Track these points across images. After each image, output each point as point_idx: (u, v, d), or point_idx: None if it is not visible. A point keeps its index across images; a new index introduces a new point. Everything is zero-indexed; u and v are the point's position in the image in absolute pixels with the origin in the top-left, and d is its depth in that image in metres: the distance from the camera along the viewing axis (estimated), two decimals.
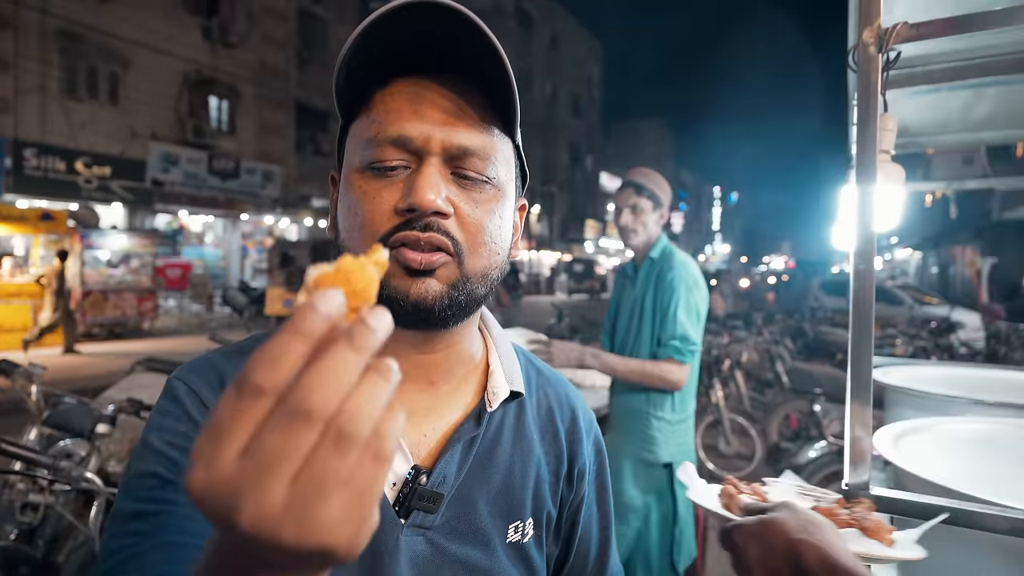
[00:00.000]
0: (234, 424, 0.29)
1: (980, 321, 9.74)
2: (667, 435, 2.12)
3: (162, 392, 0.61)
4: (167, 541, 0.52)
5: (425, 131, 0.56)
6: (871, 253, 0.79)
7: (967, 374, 1.96)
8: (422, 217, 0.56)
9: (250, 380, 0.29)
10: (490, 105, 0.59)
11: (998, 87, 1.49)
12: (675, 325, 2.05)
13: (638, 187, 2.20)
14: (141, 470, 0.56)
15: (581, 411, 0.76)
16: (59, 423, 1.83)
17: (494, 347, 0.71)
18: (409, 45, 0.56)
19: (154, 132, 15.49)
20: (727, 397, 5.65)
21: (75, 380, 7.02)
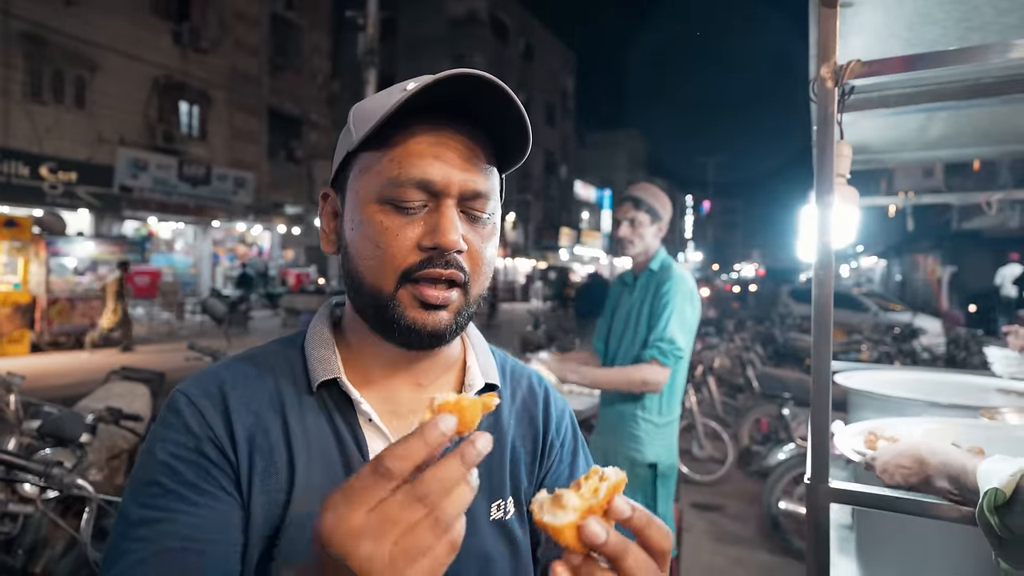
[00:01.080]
0: (365, 493, 0.42)
1: (941, 327, 10.09)
2: (653, 436, 2.22)
3: (166, 404, 0.66)
4: (169, 547, 0.56)
5: (446, 175, 0.63)
6: (829, 264, 0.87)
7: (925, 378, 2.08)
8: (444, 255, 0.63)
9: (385, 465, 0.42)
10: (491, 148, 0.67)
11: (948, 111, 1.61)
12: (664, 329, 2.13)
13: (636, 201, 2.30)
14: (146, 479, 0.61)
15: (553, 397, 0.83)
16: (52, 431, 1.82)
17: (471, 346, 0.78)
18: (441, 98, 0.62)
19: (122, 137, 15.18)
20: (700, 402, 5.78)
21: (45, 389, 6.83)
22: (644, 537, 0.48)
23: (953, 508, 0.87)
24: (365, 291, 0.66)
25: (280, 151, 20.28)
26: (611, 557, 0.45)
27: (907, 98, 1.40)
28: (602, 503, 0.46)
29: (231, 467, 0.62)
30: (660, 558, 0.48)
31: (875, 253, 28.87)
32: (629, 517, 0.47)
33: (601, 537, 0.45)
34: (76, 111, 14.35)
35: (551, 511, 0.46)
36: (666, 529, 0.48)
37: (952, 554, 1.01)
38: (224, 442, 0.62)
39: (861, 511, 1.22)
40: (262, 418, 0.65)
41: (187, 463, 0.61)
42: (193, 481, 0.60)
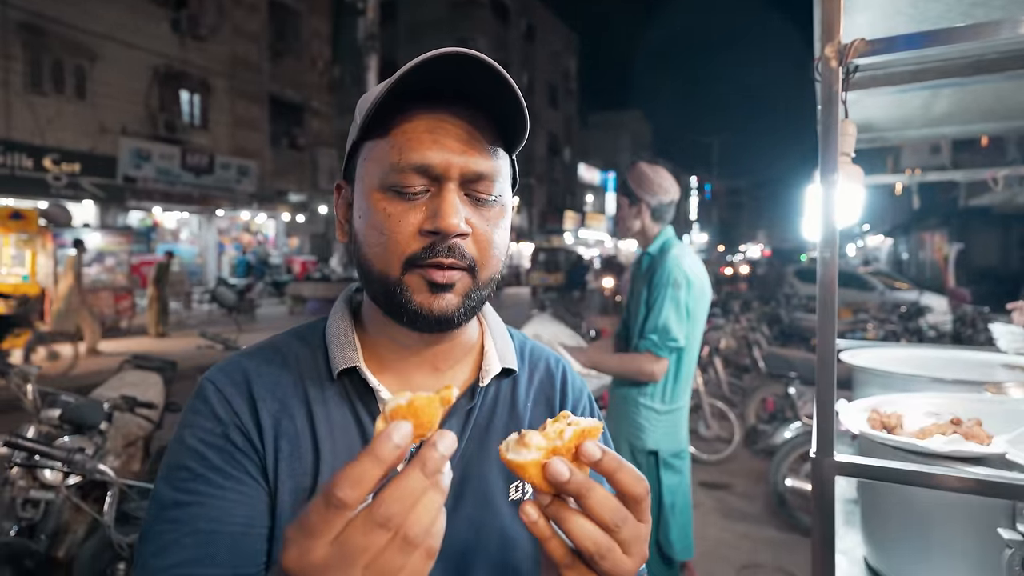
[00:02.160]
0: (322, 527, 0.40)
1: (947, 305, 10.06)
2: (654, 424, 2.18)
3: (194, 391, 0.68)
4: (200, 529, 0.59)
5: (445, 159, 0.63)
6: (834, 244, 0.89)
7: (930, 355, 2.09)
8: (446, 239, 0.63)
9: (336, 495, 0.39)
10: (495, 130, 0.67)
11: (953, 88, 1.61)
12: (656, 319, 2.10)
13: (621, 185, 2.30)
14: (177, 463, 0.63)
15: (570, 380, 0.84)
16: (73, 418, 1.86)
17: (488, 330, 0.79)
18: (437, 83, 0.63)
19: (124, 127, 15.15)
20: (707, 383, 5.81)
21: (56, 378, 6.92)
22: (615, 481, 0.48)
23: (956, 478, 0.89)
24: (374, 278, 0.67)
25: (282, 138, 20.21)
26: (575, 496, 0.46)
27: (912, 75, 1.40)
28: (568, 445, 0.47)
29: (256, 453, 0.64)
30: (633, 503, 0.48)
31: (881, 232, 28.69)
32: (598, 460, 0.47)
33: (564, 475, 0.46)
34: (77, 102, 14.32)
35: (515, 449, 0.47)
36: (638, 475, 0.48)
37: (955, 524, 1.03)
38: (250, 428, 0.64)
39: (866, 486, 1.24)
40: (287, 405, 0.67)
41: (215, 449, 0.63)
42: (220, 466, 0.62)
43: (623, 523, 0.47)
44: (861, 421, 1.17)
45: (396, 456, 0.40)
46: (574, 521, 0.47)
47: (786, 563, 3.48)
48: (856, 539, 1.33)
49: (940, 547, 1.04)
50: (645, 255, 2.28)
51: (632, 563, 0.48)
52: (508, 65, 32.93)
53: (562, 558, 0.48)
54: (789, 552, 3.61)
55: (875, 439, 1.07)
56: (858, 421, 1.17)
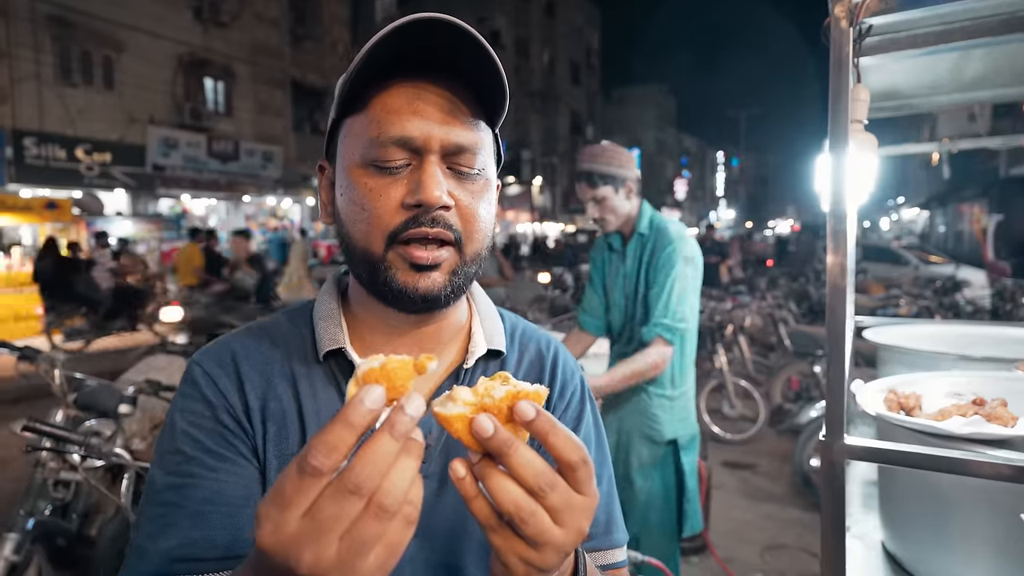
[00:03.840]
0: (296, 496, 0.38)
1: (986, 279, 9.72)
2: (669, 411, 2.08)
3: (183, 375, 0.68)
4: (196, 510, 0.60)
5: (425, 131, 0.61)
6: (844, 216, 0.84)
7: (961, 331, 2.01)
8: (428, 212, 0.61)
9: (310, 463, 0.38)
10: (476, 101, 0.65)
11: (984, 48, 1.51)
12: (668, 303, 1.97)
13: (589, 178, 2.09)
14: (169, 447, 0.64)
15: (561, 362, 0.81)
16: (88, 403, 1.92)
17: (476, 311, 0.77)
18: (412, 52, 0.61)
19: (152, 116, 15.42)
20: (731, 362, 5.73)
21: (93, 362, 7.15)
22: (548, 445, 0.45)
23: (974, 463, 0.84)
24: (357, 256, 0.66)
25: (305, 123, 20.34)
26: (497, 454, 0.44)
27: (937, 37, 1.31)
28: (499, 404, 0.45)
29: (246, 434, 0.65)
30: (568, 470, 0.46)
31: (917, 204, 27.76)
32: (531, 420, 0.45)
33: (488, 430, 0.44)
34: (106, 92, 14.59)
35: (443, 404, 0.46)
36: (575, 442, 0.46)
37: (976, 510, 0.98)
38: (238, 410, 0.65)
39: (884, 469, 1.20)
40: (274, 386, 0.67)
41: (206, 431, 0.63)
42: (212, 448, 0.63)
43: (550, 488, 0.44)
44: (878, 402, 1.12)
45: (368, 420, 0.39)
46: (497, 480, 0.45)
47: (811, 544, 3.44)
48: (874, 523, 1.29)
49: (960, 533, 0.99)
50: (635, 236, 2.14)
51: (563, 534, 0.45)
52: (529, 42, 32.56)
53: (486, 519, 0.46)
54: (814, 533, 3.56)
55: (891, 421, 1.02)
56: (875, 402, 1.12)
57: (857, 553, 1.23)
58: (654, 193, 49.89)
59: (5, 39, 12.56)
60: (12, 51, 12.66)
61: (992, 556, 0.94)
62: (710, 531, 3.31)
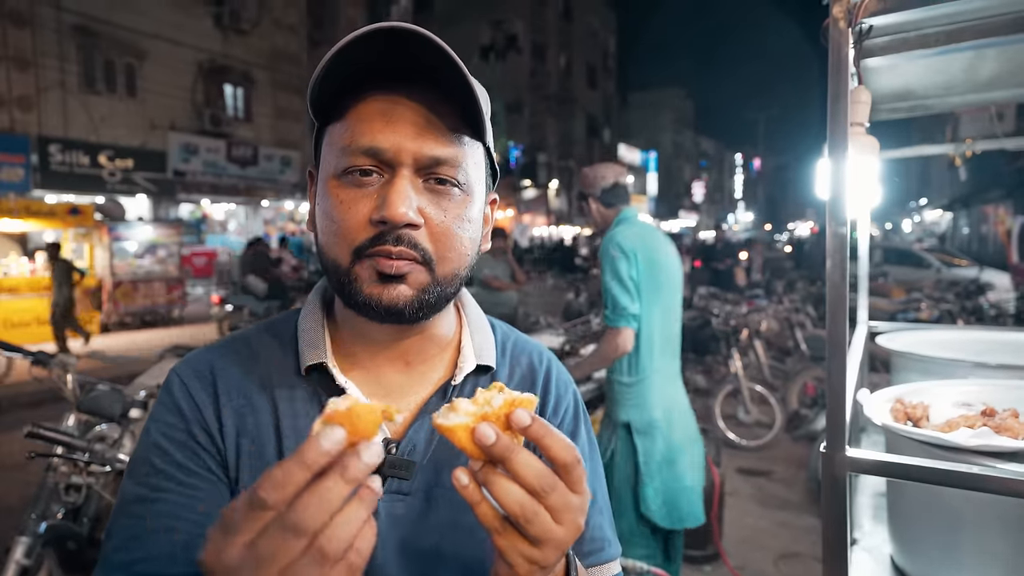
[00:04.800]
0: (242, 525, 0.39)
1: (1010, 282, 9.49)
2: (623, 396, 2.28)
3: (163, 384, 0.67)
4: (159, 526, 0.59)
5: (396, 143, 0.59)
6: (844, 221, 0.82)
7: (979, 337, 1.95)
8: (394, 229, 0.59)
9: (258, 495, 0.38)
10: (459, 113, 0.62)
11: (998, 48, 1.47)
12: (606, 294, 2.24)
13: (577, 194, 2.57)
14: (140, 457, 0.63)
15: (555, 376, 0.79)
16: (92, 408, 1.94)
17: (467, 324, 0.75)
18: (378, 63, 0.59)
19: (172, 123, 15.68)
20: (746, 367, 5.64)
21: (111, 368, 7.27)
22: (543, 447, 0.48)
23: (980, 476, 0.81)
24: (328, 268, 0.64)
25: None
26: (500, 459, 0.47)
27: (947, 36, 1.27)
28: (498, 413, 0.48)
29: (217, 450, 0.63)
30: (563, 471, 0.49)
31: (940, 205, 27.23)
32: (527, 426, 0.47)
33: (491, 437, 0.46)
34: (128, 99, 14.87)
35: (444, 415, 0.48)
36: (567, 443, 0.49)
37: (987, 525, 0.95)
38: (211, 425, 0.63)
39: (892, 481, 1.16)
40: (251, 400, 0.65)
41: (177, 444, 0.62)
42: (182, 462, 0.61)
43: (551, 489, 0.47)
44: (884, 412, 1.09)
45: (323, 461, 0.39)
46: (501, 484, 0.47)
47: None
48: (883, 536, 1.26)
49: (969, 548, 0.96)
50: None
51: (563, 532, 0.48)
52: (546, 47, 32.60)
53: (492, 522, 0.48)
54: None
55: (897, 432, 0.99)
56: (881, 412, 1.09)
57: (866, 567, 1.20)
58: (671, 196, 49.56)
59: (31, 49, 12.87)
60: (38, 60, 12.97)
61: (1003, 573, 0.91)
62: (723, 538, 3.26)
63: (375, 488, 0.41)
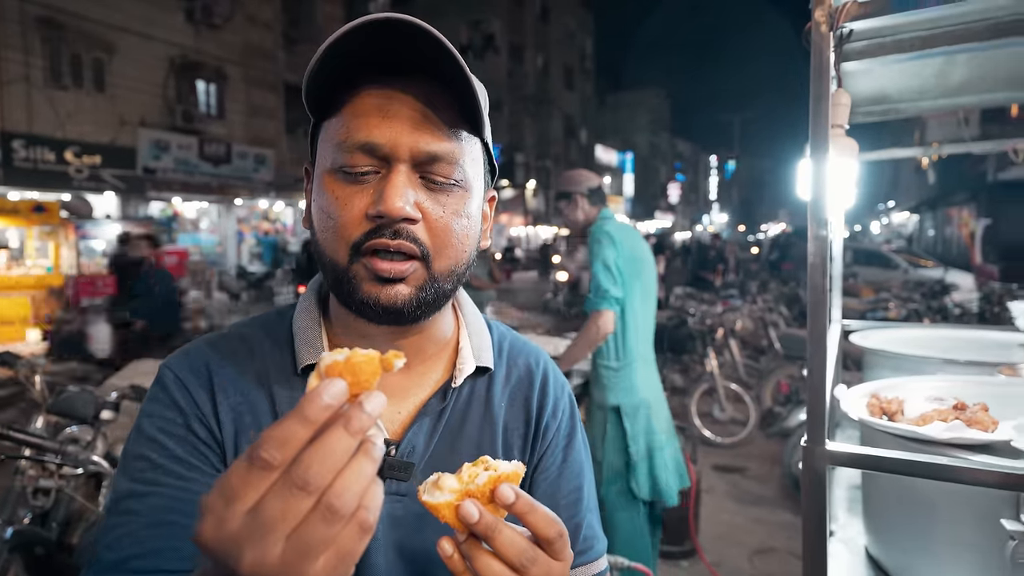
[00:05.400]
0: (243, 490, 0.36)
1: (974, 283, 9.79)
2: (612, 380, 2.41)
3: (154, 379, 0.66)
4: (158, 520, 0.57)
5: (392, 138, 0.58)
6: (825, 220, 0.83)
7: (946, 335, 2.02)
8: (391, 224, 0.58)
9: (260, 456, 0.36)
10: (457, 108, 0.61)
11: (970, 54, 1.51)
12: (593, 279, 2.36)
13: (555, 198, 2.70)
14: (135, 452, 0.61)
15: (552, 378, 0.79)
16: (63, 410, 1.89)
17: (465, 325, 0.75)
18: (374, 55, 0.58)
19: (143, 119, 15.32)
20: (722, 365, 5.73)
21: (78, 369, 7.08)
22: (527, 523, 0.49)
23: (953, 468, 0.84)
24: (325, 265, 0.63)
25: (299, 126, 20.25)
26: (483, 536, 0.48)
27: (922, 41, 1.31)
28: (482, 489, 0.49)
29: (218, 445, 0.62)
30: (547, 544, 0.50)
31: (907, 208, 27.96)
32: (512, 503, 0.48)
33: (474, 516, 0.47)
34: (96, 94, 14.49)
35: (430, 491, 0.49)
36: (550, 518, 0.50)
37: (958, 515, 0.98)
38: (210, 420, 0.62)
39: (867, 473, 1.19)
40: (249, 397, 0.64)
41: (175, 438, 0.61)
42: (182, 456, 0.60)
43: (531, 563, 0.48)
44: (860, 407, 1.12)
45: (325, 416, 0.37)
46: (482, 560, 0.48)
47: (800, 548, 3.42)
48: (858, 528, 1.29)
49: (942, 538, 0.99)
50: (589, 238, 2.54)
51: None
52: (523, 47, 32.61)
53: None
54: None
55: (873, 426, 1.02)
56: (858, 407, 1.12)
57: (841, 558, 1.23)
58: (647, 197, 50.01)
59: None
60: (1, 53, 12.57)
61: (974, 562, 0.94)
62: (699, 535, 3.30)
63: (379, 445, 0.39)
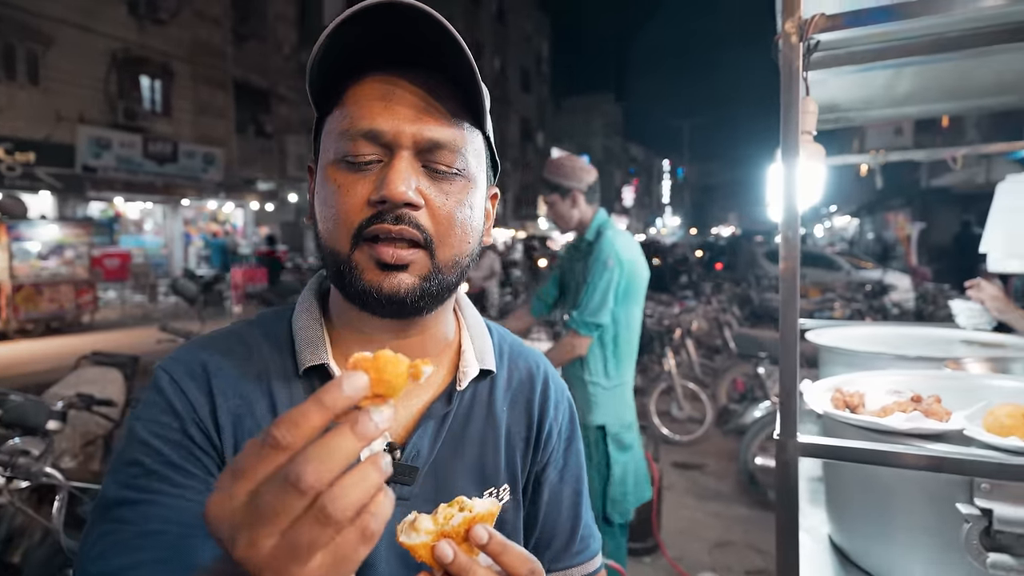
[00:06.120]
0: (251, 468, 0.35)
1: (910, 283, 10.33)
2: (601, 399, 2.28)
3: (149, 383, 0.63)
4: (149, 530, 0.54)
5: (396, 125, 0.58)
6: (796, 224, 0.87)
7: (893, 332, 2.13)
8: (394, 209, 0.58)
9: (272, 434, 0.35)
10: (459, 99, 0.62)
11: (915, 66, 1.61)
12: (585, 300, 2.20)
13: (543, 185, 2.37)
14: (127, 458, 0.58)
15: (552, 382, 0.80)
16: (14, 420, 1.78)
17: (466, 327, 0.74)
18: (379, 43, 0.58)
19: (82, 115, 14.61)
20: (679, 364, 5.87)
21: (14, 377, 6.70)
22: (501, 563, 0.50)
23: (915, 456, 0.89)
24: (327, 256, 0.62)
25: (249, 126, 19.70)
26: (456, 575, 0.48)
27: (874, 54, 1.39)
28: (457, 529, 0.51)
29: (216, 450, 0.60)
30: None
31: (848, 212, 29.28)
32: (485, 544, 0.49)
33: (448, 557, 0.48)
34: (30, 88, 13.73)
35: (407, 533, 0.50)
36: (524, 557, 0.51)
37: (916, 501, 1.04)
38: (208, 424, 0.60)
39: (829, 464, 1.25)
40: (248, 400, 0.62)
41: (171, 444, 0.58)
42: (178, 463, 0.57)
43: None
44: (825, 401, 1.17)
45: (342, 406, 0.36)
46: None
47: (756, 540, 3.55)
48: (821, 517, 1.34)
49: (901, 523, 1.05)
50: (582, 240, 2.36)
51: None
52: (481, 47, 32.61)
53: None
54: (759, 529, 3.68)
55: (838, 418, 1.07)
56: (822, 401, 1.17)
57: (806, 547, 1.28)
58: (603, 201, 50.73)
59: None
60: None
61: (932, 545, 0.99)
62: (661, 531, 3.37)
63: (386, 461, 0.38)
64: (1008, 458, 0.86)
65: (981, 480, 0.86)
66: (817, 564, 1.19)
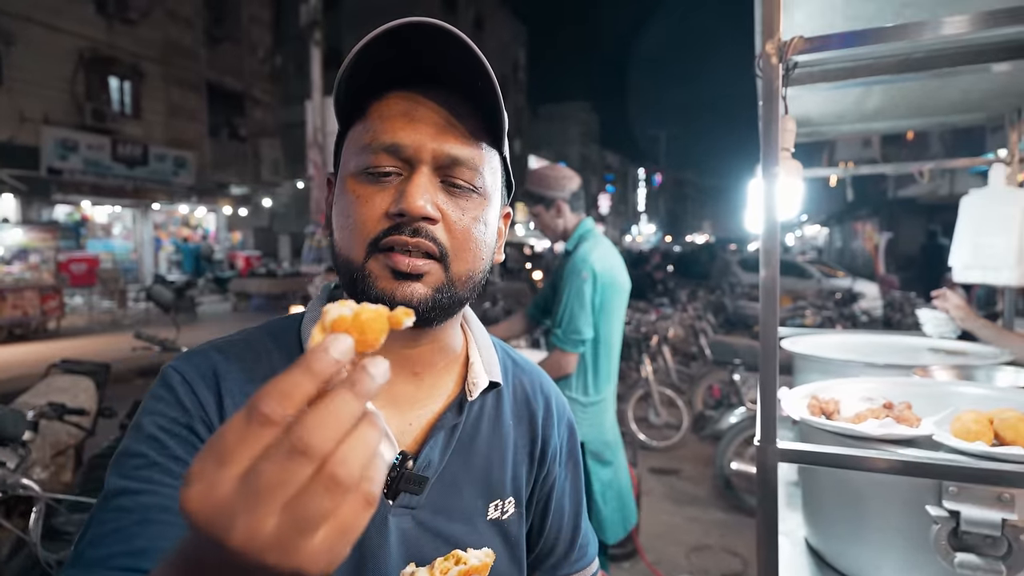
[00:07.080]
0: (238, 449, 0.32)
1: (878, 291, 10.61)
2: (579, 416, 2.20)
3: (157, 379, 0.63)
4: (149, 519, 0.54)
5: (417, 140, 0.60)
6: (776, 236, 0.91)
7: (863, 340, 2.19)
8: (412, 222, 0.59)
9: (259, 409, 0.32)
10: (480, 119, 0.63)
11: (883, 85, 1.68)
12: (562, 314, 2.14)
13: (527, 197, 2.33)
14: (131, 450, 0.58)
15: (554, 398, 0.82)
16: None
17: (473, 340, 0.75)
18: (403, 61, 0.60)
19: (47, 116, 14.23)
20: (656, 371, 5.94)
21: None
22: None
23: (888, 461, 0.93)
24: (341, 265, 0.63)
25: (223, 129, 19.41)
26: None
27: (846, 72, 1.45)
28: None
29: None
30: None
31: (818, 222, 29.98)
32: None
33: None
34: None
35: None
36: None
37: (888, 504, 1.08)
38: (215, 424, 0.60)
39: (805, 469, 1.29)
40: None
41: (177, 438, 0.58)
42: (182, 456, 0.58)
43: None
44: (801, 407, 1.21)
45: (332, 370, 0.34)
46: None
47: (733, 544, 3.61)
48: (797, 521, 1.38)
49: (874, 526, 1.08)
50: (565, 250, 2.31)
51: None
52: None
53: None
54: (735, 533, 3.74)
55: (814, 425, 1.11)
56: (799, 407, 1.21)
57: (784, 549, 1.31)
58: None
59: None
60: None
61: (903, 546, 1.03)
62: (640, 535, 3.40)
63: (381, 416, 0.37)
64: (974, 462, 0.91)
65: (949, 483, 0.90)
66: (795, 566, 1.23)
